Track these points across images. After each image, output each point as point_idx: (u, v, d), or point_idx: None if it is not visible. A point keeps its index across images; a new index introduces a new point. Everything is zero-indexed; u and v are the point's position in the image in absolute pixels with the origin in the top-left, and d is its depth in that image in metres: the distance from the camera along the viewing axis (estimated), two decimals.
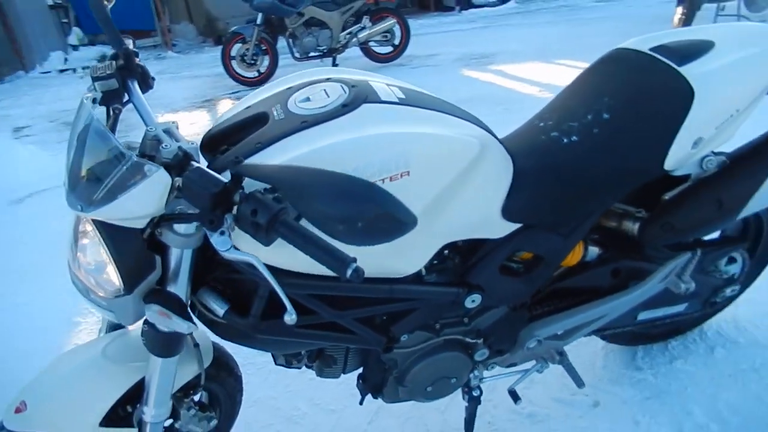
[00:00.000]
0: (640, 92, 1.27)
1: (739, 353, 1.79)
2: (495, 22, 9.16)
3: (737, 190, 1.26)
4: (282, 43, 6.27)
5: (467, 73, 5.92)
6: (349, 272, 0.77)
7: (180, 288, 1.03)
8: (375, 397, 1.45)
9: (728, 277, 1.60)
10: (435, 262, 1.19)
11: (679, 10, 5.98)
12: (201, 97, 6.13)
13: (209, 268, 1.10)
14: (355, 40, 6.28)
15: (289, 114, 1.05)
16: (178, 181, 0.91)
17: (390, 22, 6.33)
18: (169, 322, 1.00)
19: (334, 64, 6.38)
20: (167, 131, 1.00)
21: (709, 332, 1.88)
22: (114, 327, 1.32)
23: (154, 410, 1.17)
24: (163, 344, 1.09)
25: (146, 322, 1.08)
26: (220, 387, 1.39)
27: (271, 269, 1.01)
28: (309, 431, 1.74)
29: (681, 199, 1.31)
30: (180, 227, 0.97)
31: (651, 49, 1.33)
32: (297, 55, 6.30)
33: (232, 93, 6.11)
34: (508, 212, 1.18)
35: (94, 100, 1.03)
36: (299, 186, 0.77)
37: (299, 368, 1.42)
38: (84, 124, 0.98)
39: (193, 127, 5.01)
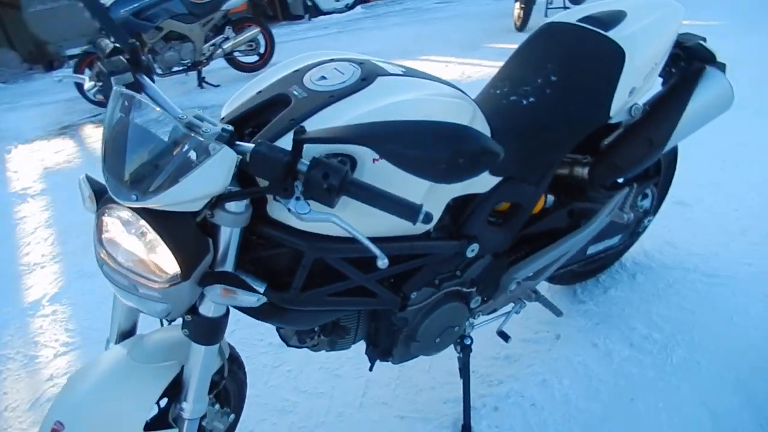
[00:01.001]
0: (580, 56, 1.50)
1: (654, 276, 2.13)
2: (348, 27, 9.44)
3: (661, 129, 1.54)
4: None
5: None
6: (420, 217, 0.87)
7: (229, 268, 1.05)
8: (384, 360, 1.52)
9: (644, 210, 1.91)
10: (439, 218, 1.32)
11: (517, 5, 6.65)
12: (56, 124, 5.61)
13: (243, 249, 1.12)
14: (219, 51, 6.15)
15: (311, 92, 1.12)
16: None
17: (254, 31, 6.29)
18: (233, 299, 1.02)
19: (200, 78, 6.21)
20: (197, 117, 1.02)
21: (627, 264, 2.21)
22: (124, 336, 1.28)
23: (193, 405, 1.16)
24: (208, 331, 1.10)
25: (191, 311, 1.08)
26: (231, 381, 1.39)
27: (307, 236, 1.08)
28: (305, 417, 1.77)
29: (619, 142, 1.56)
30: (231, 206, 1.00)
31: (578, 20, 1.57)
32: (159, 71, 6.02)
33: (93, 116, 5.68)
34: (492, 167, 1.34)
35: (126, 87, 1.01)
36: (396, 136, 0.84)
37: (310, 347, 1.45)
38: (125, 113, 0.96)
39: (59, 155, 4.60)
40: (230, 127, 1.01)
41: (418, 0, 11.82)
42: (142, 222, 0.97)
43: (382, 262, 0.95)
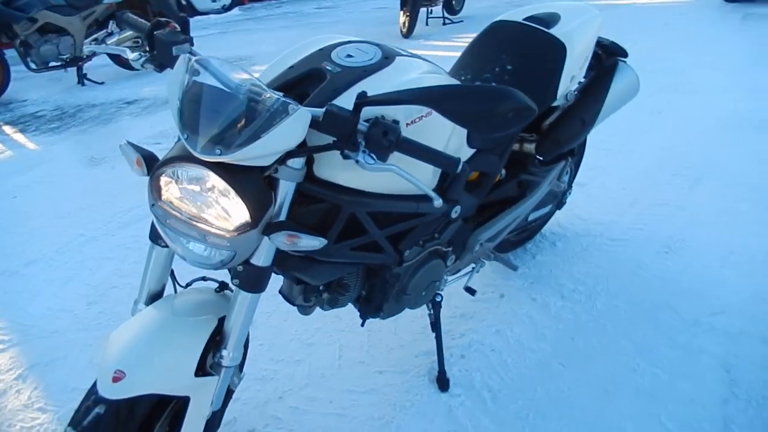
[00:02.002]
0: (530, 48, 1.80)
1: (570, 242, 2.51)
2: (230, 28, 9.34)
3: (591, 111, 1.89)
4: (13, 53, 5.48)
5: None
6: (459, 167, 1.08)
7: (282, 219, 1.17)
8: (375, 316, 1.69)
9: (566, 184, 2.27)
10: None
11: (402, 13, 7.09)
12: None
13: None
14: (103, 47, 5.83)
15: (345, 67, 1.27)
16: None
17: None
18: (297, 244, 1.14)
19: (82, 75, 5.85)
20: (254, 84, 1.13)
21: (547, 234, 2.58)
22: (153, 298, 1.33)
23: (232, 353, 1.25)
24: (257, 280, 1.21)
25: (245, 264, 1.19)
26: None
27: (346, 192, 1.24)
28: (288, 381, 1.88)
29: (560, 121, 1.88)
30: (294, 162, 1.13)
31: (523, 20, 1.87)
32: (33, 66, 5.57)
33: None
34: (469, 140, 1.58)
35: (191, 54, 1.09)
36: (454, 96, 1.03)
37: (311, 306, 1.58)
38: (198, 77, 1.05)
39: None
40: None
41: (296, 4, 11.97)
42: (215, 176, 1.06)
43: (438, 202, 1.14)
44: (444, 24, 7.93)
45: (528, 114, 1.05)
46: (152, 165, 1.21)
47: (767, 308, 2.02)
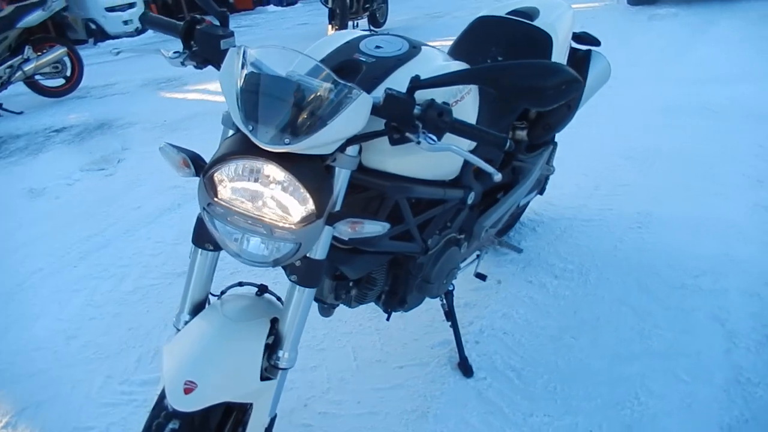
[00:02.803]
0: (518, 40, 1.89)
1: (549, 227, 2.63)
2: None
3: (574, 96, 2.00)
4: None
5: (165, 95, 5.86)
6: (507, 145, 1.14)
7: (338, 208, 1.17)
8: (399, 310, 1.70)
9: (552, 167, 2.39)
10: None
11: (330, 27, 7.14)
12: None
13: None
14: (19, 74, 5.47)
15: (378, 57, 1.29)
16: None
17: (59, 51, 5.72)
18: (360, 232, 1.14)
19: None
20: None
21: (525, 221, 2.69)
22: (196, 308, 1.28)
23: (290, 354, 1.22)
24: (314, 274, 1.19)
25: (302, 258, 1.17)
26: None
27: (392, 179, 1.27)
28: (309, 389, 1.85)
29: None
30: (351, 149, 1.13)
31: (507, 14, 1.96)
32: None
33: None
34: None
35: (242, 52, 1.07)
36: (509, 72, 1.07)
37: (337, 305, 1.58)
38: (253, 67, 1.04)
39: None
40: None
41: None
42: (277, 167, 1.04)
43: (497, 177, 1.18)
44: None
45: (577, 86, 1.11)
46: (199, 165, 1.18)
47: (738, 267, 2.21)
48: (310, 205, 1.07)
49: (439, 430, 1.65)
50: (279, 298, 1.32)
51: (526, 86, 1.07)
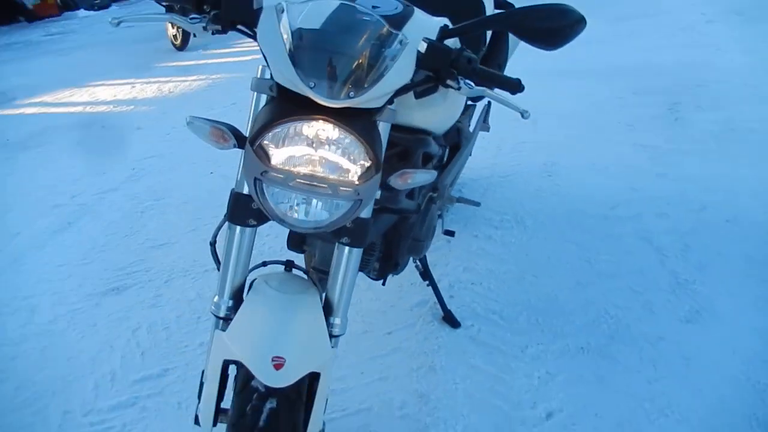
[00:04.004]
0: (453, 6, 1.99)
1: (471, 186, 2.80)
2: None
3: (503, 55, 2.16)
4: None
5: None
6: (521, 88, 1.25)
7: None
8: (393, 273, 1.73)
9: (489, 124, 2.54)
10: None
11: (171, 25, 6.74)
12: None
13: None
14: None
15: (382, 16, 1.30)
16: None
17: None
18: (412, 181, 1.15)
19: None
20: None
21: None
22: (236, 291, 1.21)
23: (341, 320, 1.22)
24: (363, 233, 1.19)
25: (354, 220, 1.16)
26: None
27: (415, 132, 1.31)
28: None
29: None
30: (393, 103, 1.14)
31: None
32: None
33: None
34: None
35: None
36: (527, 15, 1.15)
37: None
38: (304, 24, 1.00)
39: None
40: None
41: (17, 34, 10.48)
42: (333, 125, 1.01)
43: (527, 114, 1.26)
44: (213, 33, 7.72)
45: (583, 26, 1.23)
46: (239, 136, 1.10)
47: (640, 196, 2.56)
48: (369, 160, 1.06)
49: (452, 379, 1.72)
50: (306, 272, 1.29)
51: (545, 28, 1.16)
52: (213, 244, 1.29)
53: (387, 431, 1.57)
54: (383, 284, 1.75)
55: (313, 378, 1.15)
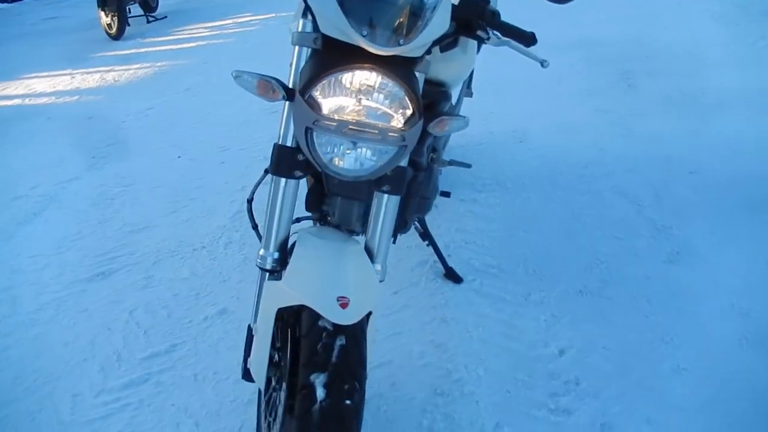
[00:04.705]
0: None
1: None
2: None
3: None
4: None
5: None
6: (535, 40, 1.33)
7: None
8: (401, 233, 1.77)
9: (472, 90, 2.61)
10: None
11: (104, 14, 6.48)
12: None
13: None
14: None
15: None
16: None
17: None
18: (450, 127, 1.21)
19: None
20: None
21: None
22: (281, 243, 1.22)
23: (382, 266, 1.27)
24: (402, 180, 1.24)
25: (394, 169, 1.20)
26: None
27: (436, 85, 1.37)
28: None
29: None
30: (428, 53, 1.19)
31: None
32: None
33: None
34: None
35: None
36: None
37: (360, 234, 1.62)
38: None
39: None
40: None
41: None
42: (379, 73, 1.03)
43: (546, 63, 1.33)
44: (148, 22, 7.47)
45: None
46: (286, 89, 1.11)
47: (609, 154, 2.72)
48: (413, 107, 1.10)
49: (464, 328, 1.79)
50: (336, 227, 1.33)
51: None
52: (250, 201, 1.30)
53: (412, 380, 1.63)
54: (394, 242, 1.79)
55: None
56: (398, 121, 1.09)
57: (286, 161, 1.16)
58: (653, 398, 1.51)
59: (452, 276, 2.01)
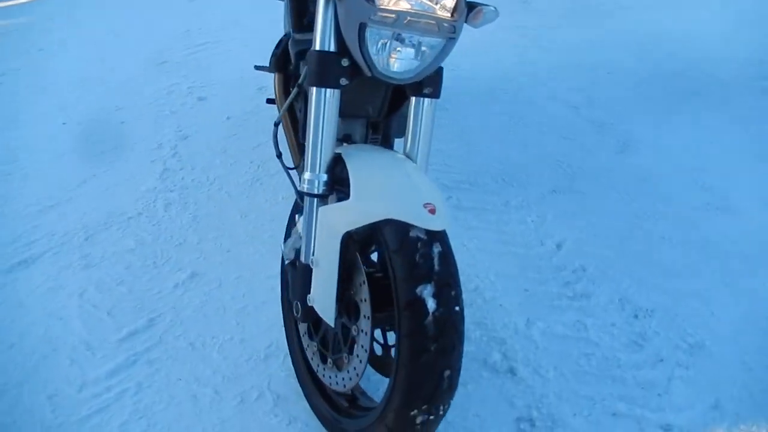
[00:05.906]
0: None
1: None
2: None
3: None
4: None
5: None
6: None
7: None
8: None
9: None
10: None
11: None
12: None
13: None
14: None
15: None
16: None
17: None
18: (483, 18, 1.16)
19: None
20: None
21: None
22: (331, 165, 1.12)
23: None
24: (440, 83, 1.20)
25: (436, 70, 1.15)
26: None
27: None
28: None
29: None
30: None
31: None
32: None
33: None
34: None
35: None
36: None
37: None
38: None
39: None
40: None
41: None
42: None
43: None
44: None
45: None
46: None
47: (536, 67, 2.81)
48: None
49: (459, 243, 1.77)
50: None
51: None
52: (277, 125, 1.17)
53: None
54: None
55: None
56: (445, 12, 1.02)
57: (329, 69, 1.04)
58: (654, 269, 1.63)
59: None
